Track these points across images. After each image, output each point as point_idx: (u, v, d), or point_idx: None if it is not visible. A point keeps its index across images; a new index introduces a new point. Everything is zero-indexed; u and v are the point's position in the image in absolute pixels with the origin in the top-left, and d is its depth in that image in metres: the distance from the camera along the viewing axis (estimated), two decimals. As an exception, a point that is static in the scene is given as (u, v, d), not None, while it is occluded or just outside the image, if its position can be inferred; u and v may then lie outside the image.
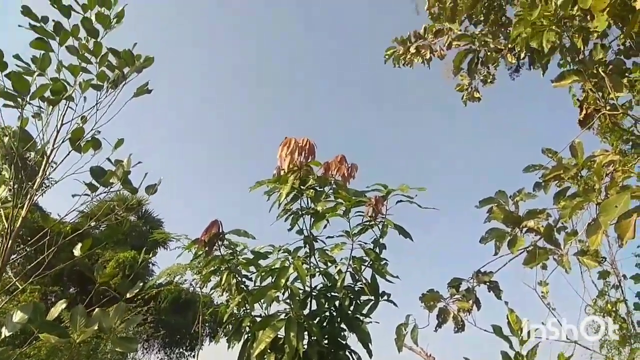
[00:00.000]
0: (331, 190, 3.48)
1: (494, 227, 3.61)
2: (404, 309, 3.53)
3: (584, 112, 4.87)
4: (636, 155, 4.61)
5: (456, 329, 3.73)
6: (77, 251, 3.48)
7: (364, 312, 3.44)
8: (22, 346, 2.59)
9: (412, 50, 6.34)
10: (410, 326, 3.70)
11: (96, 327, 2.36)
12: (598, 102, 4.51)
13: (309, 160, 3.31)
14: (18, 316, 2.46)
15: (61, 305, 2.51)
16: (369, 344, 3.27)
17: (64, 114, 3.73)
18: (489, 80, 6.60)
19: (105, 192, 3.35)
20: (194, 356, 18.75)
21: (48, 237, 3.60)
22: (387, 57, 6.45)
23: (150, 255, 21.40)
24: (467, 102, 6.78)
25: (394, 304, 3.48)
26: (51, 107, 3.51)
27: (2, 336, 2.40)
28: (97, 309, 2.49)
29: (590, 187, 3.51)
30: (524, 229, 3.57)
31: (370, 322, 3.35)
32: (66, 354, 9.94)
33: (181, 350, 18.68)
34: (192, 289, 14.50)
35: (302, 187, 3.43)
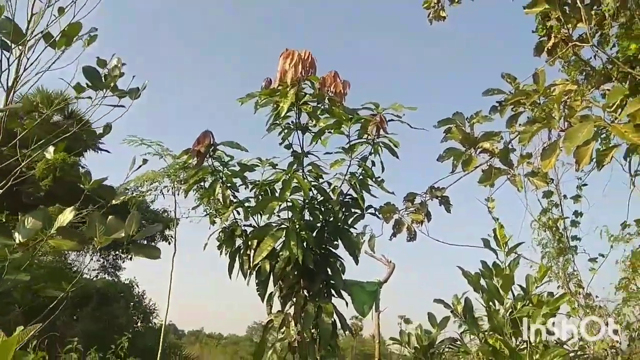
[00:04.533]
0: (325, 107, 3.49)
1: (450, 146, 3.83)
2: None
3: (552, 40, 5.02)
4: (589, 87, 4.96)
5: (409, 238, 4.09)
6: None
7: (349, 222, 3.65)
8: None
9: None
10: (367, 235, 4.01)
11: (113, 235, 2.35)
12: (563, 31, 4.67)
13: (309, 75, 3.26)
14: (31, 222, 2.38)
15: (70, 213, 2.43)
16: (356, 252, 3.51)
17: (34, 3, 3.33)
18: (456, 0, 6.57)
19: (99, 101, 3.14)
20: (130, 259, 18.85)
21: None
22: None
23: (80, 157, 20.42)
24: (432, 20, 6.75)
25: (378, 216, 3.71)
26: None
27: (17, 242, 2.34)
28: (110, 217, 2.45)
29: (548, 114, 3.77)
30: (479, 150, 3.84)
31: (358, 233, 3.58)
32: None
33: (117, 253, 18.63)
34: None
35: (297, 101, 3.40)
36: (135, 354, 6.72)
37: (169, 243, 18.52)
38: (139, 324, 12.44)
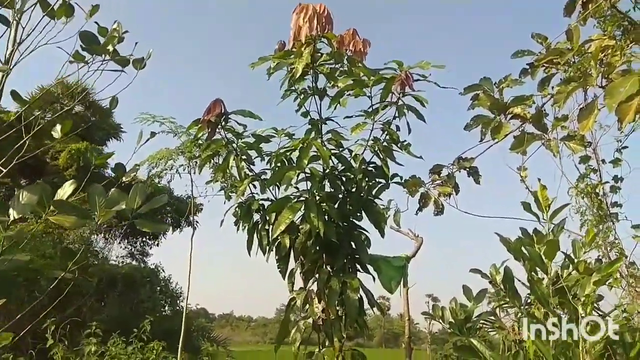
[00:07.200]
0: (344, 68, 3.23)
1: (479, 114, 3.57)
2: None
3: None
4: (628, 42, 4.56)
5: (436, 212, 3.84)
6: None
7: (373, 193, 3.41)
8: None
9: None
10: (392, 210, 3.77)
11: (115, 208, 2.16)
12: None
13: (326, 31, 2.99)
14: (26, 197, 2.21)
15: (71, 186, 2.25)
16: (382, 224, 3.27)
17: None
18: None
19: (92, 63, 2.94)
20: (157, 245, 19.09)
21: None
22: None
23: (103, 146, 20.63)
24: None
25: (404, 186, 3.45)
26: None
27: (11, 219, 2.17)
28: (113, 189, 2.27)
29: (584, 72, 3.45)
30: (509, 116, 3.56)
31: (384, 205, 3.34)
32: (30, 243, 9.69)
33: (144, 239, 18.84)
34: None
35: (313, 63, 3.15)
36: (161, 337, 6.69)
37: (195, 228, 18.78)
38: (166, 308, 12.54)
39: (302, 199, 3.08)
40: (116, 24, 3.09)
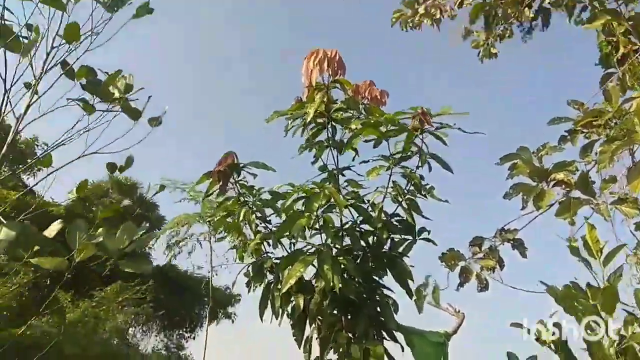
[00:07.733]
0: (359, 116, 3.09)
1: (518, 181, 3.32)
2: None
3: (621, 50, 4.53)
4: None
5: (479, 288, 3.47)
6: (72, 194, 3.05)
7: (400, 250, 3.07)
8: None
9: (421, 11, 5.97)
10: (431, 287, 3.40)
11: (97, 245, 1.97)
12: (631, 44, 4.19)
13: (338, 76, 2.89)
14: (3, 233, 2.05)
15: (57, 225, 2.10)
16: (408, 282, 2.90)
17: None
18: (507, 35, 6.27)
19: (104, 112, 2.91)
20: (193, 338, 18.44)
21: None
22: (394, 19, 6.08)
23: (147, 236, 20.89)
24: (483, 59, 6.46)
25: (434, 243, 3.10)
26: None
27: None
28: (100, 229, 2.10)
29: (628, 130, 3.21)
30: (552, 182, 3.29)
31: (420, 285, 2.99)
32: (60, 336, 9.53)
33: (180, 332, 18.32)
34: (192, 269, 13.95)
35: (328, 112, 3.02)
36: None
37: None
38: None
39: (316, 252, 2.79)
40: (129, 75, 3.09)
